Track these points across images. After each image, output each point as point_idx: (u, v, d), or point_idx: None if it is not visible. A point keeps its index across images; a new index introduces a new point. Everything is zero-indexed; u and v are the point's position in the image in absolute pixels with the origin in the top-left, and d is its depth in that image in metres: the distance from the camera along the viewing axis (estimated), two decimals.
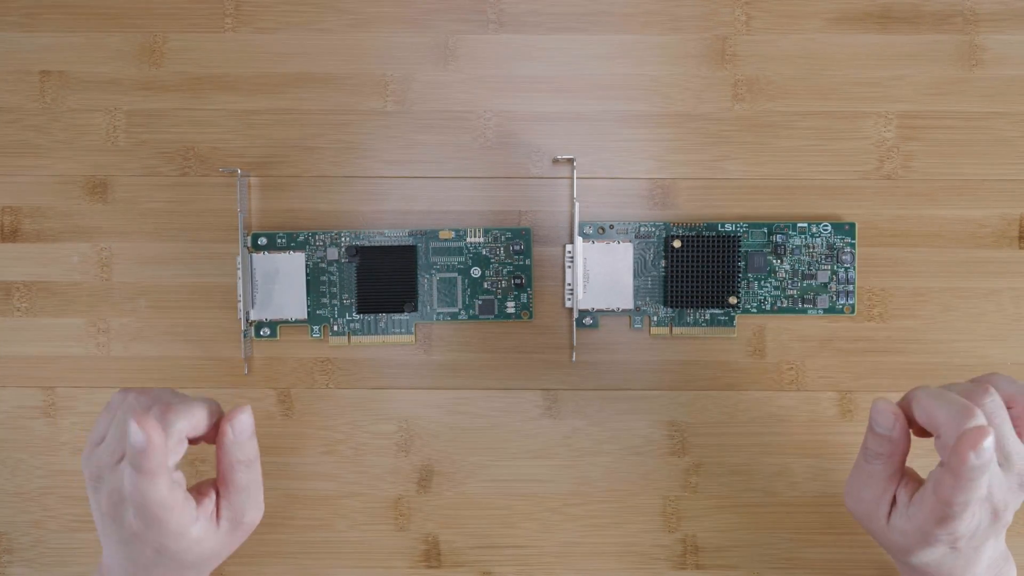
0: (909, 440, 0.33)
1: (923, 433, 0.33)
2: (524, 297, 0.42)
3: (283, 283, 0.41)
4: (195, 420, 0.33)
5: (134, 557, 0.33)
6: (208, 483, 0.34)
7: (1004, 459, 0.31)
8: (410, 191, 0.42)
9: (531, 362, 0.42)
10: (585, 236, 0.41)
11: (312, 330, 0.42)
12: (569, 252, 0.41)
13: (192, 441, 0.33)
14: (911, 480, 0.33)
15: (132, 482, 0.31)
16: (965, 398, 0.31)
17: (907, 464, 0.34)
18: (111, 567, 0.34)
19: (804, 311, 0.41)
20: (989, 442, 0.29)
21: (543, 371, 0.42)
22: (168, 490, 0.31)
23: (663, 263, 0.41)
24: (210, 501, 0.34)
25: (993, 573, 0.33)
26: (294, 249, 0.41)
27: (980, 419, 0.30)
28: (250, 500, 0.34)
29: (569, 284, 0.41)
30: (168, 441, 0.31)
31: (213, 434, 0.34)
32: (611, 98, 0.42)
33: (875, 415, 0.33)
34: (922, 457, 0.36)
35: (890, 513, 0.33)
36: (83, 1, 0.42)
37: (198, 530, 0.33)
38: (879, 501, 0.33)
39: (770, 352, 0.42)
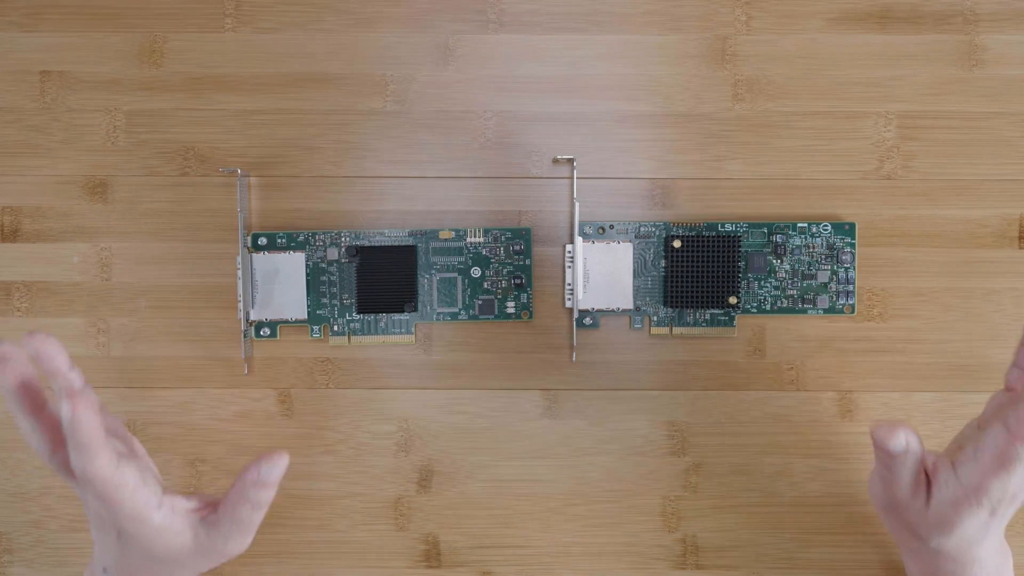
0: (921, 445, 0.33)
1: None
2: (524, 297, 0.42)
3: (283, 283, 0.41)
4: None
5: (105, 544, 0.33)
6: (206, 496, 0.34)
7: None
8: (410, 191, 0.42)
9: (531, 362, 0.42)
10: (585, 236, 0.41)
11: (312, 330, 0.42)
12: (569, 252, 0.41)
13: None
14: (941, 459, 0.33)
15: (77, 462, 0.31)
16: None
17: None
18: (93, 559, 0.35)
19: (804, 311, 0.41)
20: None
21: (543, 371, 0.42)
22: (110, 467, 0.31)
23: (663, 263, 0.41)
24: (191, 503, 0.33)
25: (996, 561, 0.34)
26: (294, 249, 0.41)
27: None
28: (239, 534, 0.34)
29: (569, 284, 0.41)
30: (91, 405, 0.31)
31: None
32: (611, 98, 0.42)
33: (886, 443, 0.32)
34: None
35: (928, 496, 0.33)
36: (83, 1, 0.42)
37: (161, 518, 0.32)
38: (913, 496, 0.33)
39: (770, 352, 0.42)
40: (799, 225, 0.41)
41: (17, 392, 0.32)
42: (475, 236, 0.42)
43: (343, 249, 0.41)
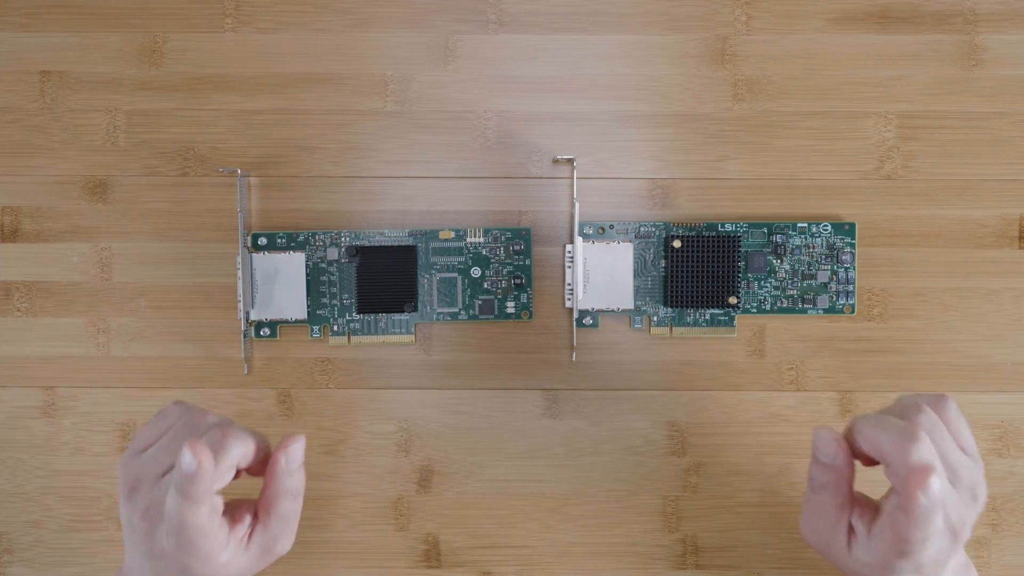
0: (853, 467, 0.33)
1: (870, 462, 0.33)
2: (524, 297, 0.42)
3: (283, 283, 0.41)
4: (247, 449, 0.32)
5: (158, 571, 0.33)
6: (245, 505, 0.34)
7: (952, 475, 0.31)
8: (410, 191, 0.42)
9: (531, 362, 0.42)
10: (585, 236, 0.41)
11: (312, 330, 0.42)
12: (569, 252, 0.41)
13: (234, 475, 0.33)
14: (864, 507, 0.33)
15: (175, 504, 0.30)
16: (902, 419, 0.31)
17: (859, 489, 0.34)
18: (133, 571, 0.34)
19: (804, 311, 0.41)
20: (935, 483, 0.29)
21: (543, 371, 0.42)
22: (208, 517, 0.31)
23: (663, 263, 0.41)
24: (243, 526, 0.33)
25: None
26: (294, 249, 0.41)
27: (924, 440, 0.30)
28: (287, 529, 0.34)
29: (569, 284, 0.41)
30: (218, 467, 0.31)
31: (257, 468, 0.34)
32: (611, 98, 0.42)
33: (818, 444, 0.32)
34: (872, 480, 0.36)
35: (849, 542, 0.33)
36: (83, 1, 0.42)
37: (227, 555, 0.32)
38: (835, 531, 0.33)
39: (770, 352, 0.42)
40: (799, 225, 0.41)
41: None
42: (475, 236, 0.42)
43: (343, 249, 0.41)
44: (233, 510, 0.33)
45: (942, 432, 0.32)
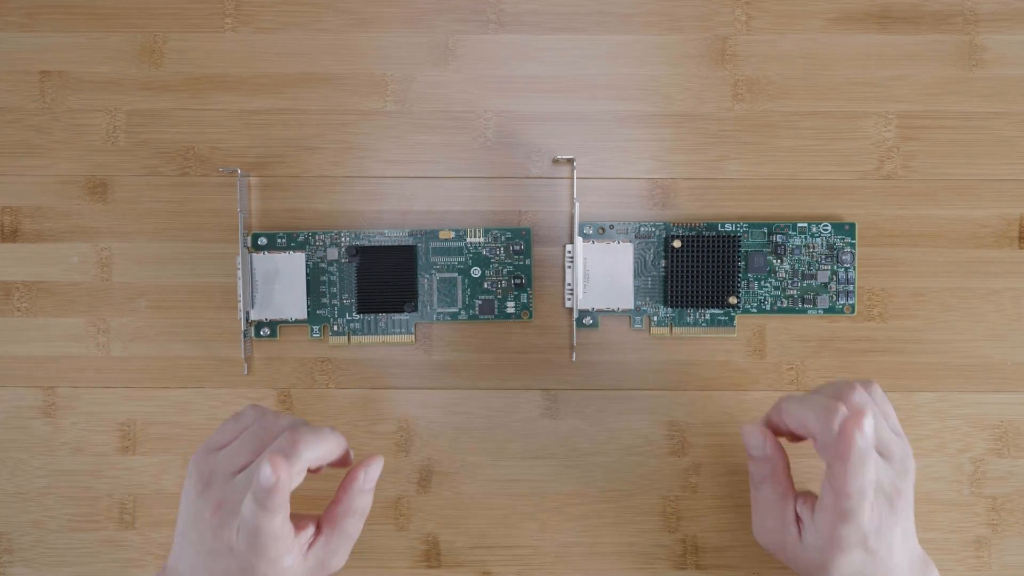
0: (785, 456, 0.35)
1: (796, 439, 0.36)
2: (524, 297, 0.42)
3: (283, 283, 0.41)
4: (323, 451, 0.33)
5: (215, 570, 0.33)
6: (308, 517, 0.35)
7: (884, 448, 0.33)
8: (410, 191, 0.42)
9: (531, 362, 0.42)
10: (585, 236, 0.41)
11: (312, 330, 0.42)
12: (569, 252, 0.41)
13: (311, 470, 0.34)
14: (806, 497, 0.35)
15: (251, 512, 0.31)
16: (832, 399, 0.33)
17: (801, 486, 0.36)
18: (179, 571, 0.34)
19: (804, 311, 0.41)
20: (869, 421, 0.30)
21: (543, 371, 0.42)
22: (282, 524, 0.32)
23: (663, 263, 0.41)
24: (306, 534, 0.34)
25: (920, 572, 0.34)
26: (294, 249, 0.41)
27: (858, 391, 0.33)
28: (345, 547, 0.35)
29: (569, 284, 0.41)
30: (292, 470, 0.31)
31: (337, 463, 0.35)
32: (611, 98, 0.42)
33: (746, 439, 0.35)
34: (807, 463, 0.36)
35: (800, 533, 0.34)
36: (83, 1, 0.42)
37: (290, 560, 0.33)
38: (784, 523, 0.35)
39: (770, 352, 0.42)
40: (799, 225, 0.41)
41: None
42: (475, 236, 0.42)
43: (343, 249, 0.41)
44: (296, 520, 0.34)
45: (873, 409, 0.34)
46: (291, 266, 0.41)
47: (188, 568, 0.34)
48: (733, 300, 0.41)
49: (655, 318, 0.42)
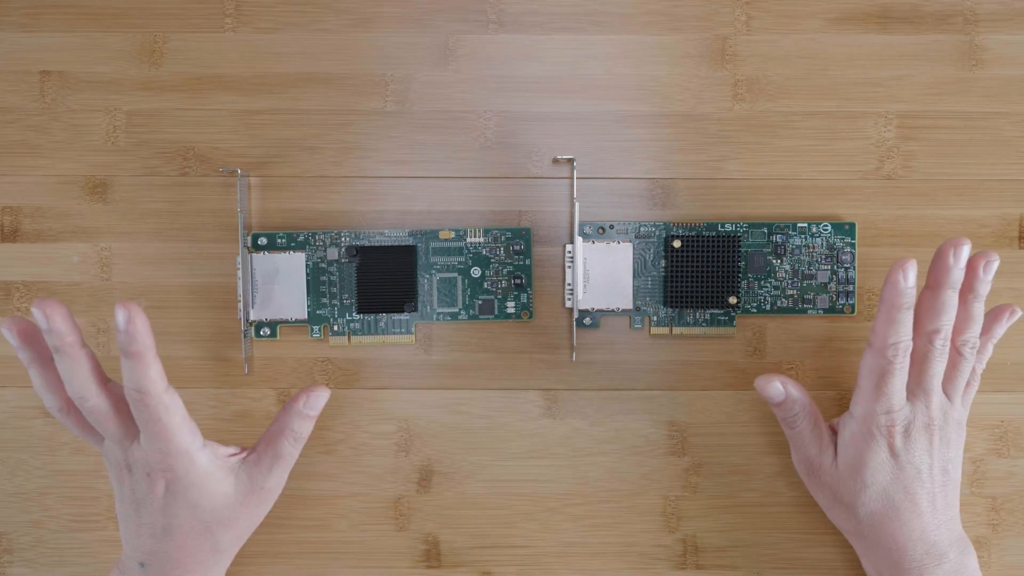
0: (806, 392, 0.37)
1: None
2: (524, 297, 0.42)
3: (283, 283, 0.41)
4: (139, 322, 0.32)
5: (144, 516, 0.34)
6: (239, 445, 0.37)
7: (926, 390, 0.35)
8: (410, 191, 0.42)
9: (531, 362, 0.42)
10: (585, 236, 0.41)
11: (312, 330, 0.42)
12: (569, 252, 0.41)
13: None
14: (842, 417, 0.37)
15: (127, 377, 0.31)
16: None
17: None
18: (124, 557, 0.35)
19: (804, 311, 0.41)
20: (912, 267, 0.33)
21: (543, 371, 0.42)
22: (162, 382, 0.32)
23: (663, 263, 0.41)
24: (230, 448, 0.36)
25: (957, 550, 0.36)
26: (294, 249, 0.41)
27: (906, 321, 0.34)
28: (278, 469, 0.37)
29: (569, 284, 0.41)
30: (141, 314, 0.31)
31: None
32: (611, 98, 0.42)
33: (764, 390, 0.37)
34: None
35: (835, 456, 0.36)
36: (83, 1, 0.42)
37: (207, 459, 0.34)
38: (821, 450, 0.37)
39: (770, 352, 0.42)
40: (799, 225, 0.41)
41: (24, 343, 0.33)
42: (475, 236, 0.42)
43: (343, 249, 0.41)
44: (225, 442, 0.37)
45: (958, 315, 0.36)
46: (291, 266, 0.41)
47: (132, 538, 0.35)
48: (733, 300, 0.41)
49: (655, 318, 0.42)
